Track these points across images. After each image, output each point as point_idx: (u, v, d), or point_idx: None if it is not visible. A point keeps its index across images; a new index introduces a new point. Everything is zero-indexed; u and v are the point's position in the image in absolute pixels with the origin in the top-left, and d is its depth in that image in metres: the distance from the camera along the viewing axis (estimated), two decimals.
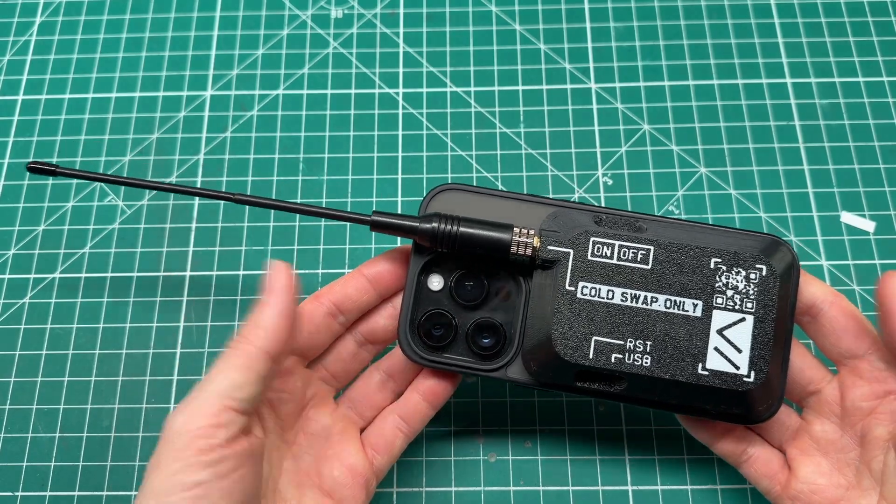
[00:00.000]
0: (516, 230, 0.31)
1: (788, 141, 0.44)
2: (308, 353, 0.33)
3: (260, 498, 0.28)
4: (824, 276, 0.41)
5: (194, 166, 0.44)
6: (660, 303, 0.30)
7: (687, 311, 0.30)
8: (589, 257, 0.31)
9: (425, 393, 0.33)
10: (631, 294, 0.30)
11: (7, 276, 0.42)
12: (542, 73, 0.46)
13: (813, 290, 0.31)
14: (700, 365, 0.30)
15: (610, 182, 0.43)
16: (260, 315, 0.29)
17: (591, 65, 0.46)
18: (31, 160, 0.37)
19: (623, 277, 0.30)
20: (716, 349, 0.30)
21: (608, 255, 0.31)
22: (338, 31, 0.48)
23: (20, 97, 0.47)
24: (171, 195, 0.44)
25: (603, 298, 0.30)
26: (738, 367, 0.30)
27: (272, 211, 0.43)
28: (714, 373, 0.30)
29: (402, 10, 0.48)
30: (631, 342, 0.30)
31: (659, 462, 0.37)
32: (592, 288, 0.30)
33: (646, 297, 0.30)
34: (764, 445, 0.33)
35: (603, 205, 0.43)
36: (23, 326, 0.41)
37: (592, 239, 0.31)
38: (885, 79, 0.45)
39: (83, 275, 0.42)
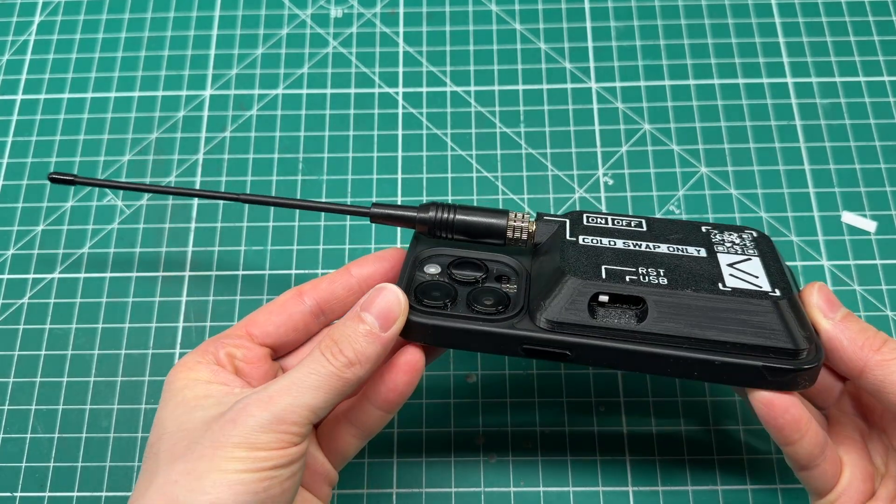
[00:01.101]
0: (512, 215, 0.31)
1: (789, 141, 0.44)
2: (279, 350, 0.31)
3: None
4: (825, 276, 0.41)
5: (193, 166, 0.44)
6: (663, 249, 0.30)
7: (692, 253, 0.30)
8: (585, 223, 0.31)
9: (384, 403, 0.30)
10: (633, 243, 0.30)
11: (6, 277, 0.42)
12: (542, 72, 0.46)
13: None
14: (720, 283, 0.28)
15: (610, 182, 0.43)
16: (368, 346, 0.27)
17: (592, 64, 0.46)
18: (51, 172, 0.37)
19: (621, 234, 0.31)
20: (731, 275, 0.29)
21: (602, 222, 0.32)
22: (337, 30, 0.48)
23: (19, 97, 0.46)
24: (171, 196, 0.43)
25: (605, 244, 0.30)
26: (759, 285, 0.28)
27: (272, 211, 0.43)
28: (736, 290, 0.28)
29: (401, 10, 0.48)
30: (643, 269, 0.28)
31: (659, 463, 0.37)
32: (594, 239, 0.30)
33: (648, 245, 0.30)
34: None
35: (603, 205, 0.42)
36: (22, 327, 0.41)
37: (586, 214, 0.32)
38: (885, 78, 0.45)
39: (82, 275, 0.42)
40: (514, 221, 0.31)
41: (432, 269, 0.31)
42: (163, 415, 0.27)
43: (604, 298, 0.28)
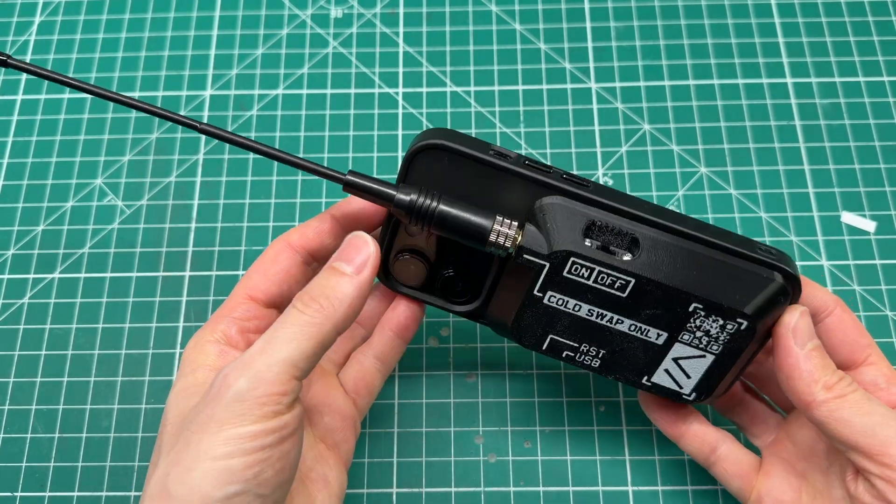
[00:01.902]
0: (499, 219, 0.28)
1: (789, 141, 0.44)
2: (281, 304, 0.31)
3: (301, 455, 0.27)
4: (825, 276, 0.41)
5: (193, 166, 0.44)
6: (625, 325, 0.29)
7: (650, 337, 0.29)
8: (564, 274, 0.28)
9: (397, 328, 0.33)
10: (598, 312, 0.29)
11: (6, 277, 0.42)
12: (542, 72, 0.46)
13: (819, 295, 0.30)
14: (646, 377, 0.31)
15: (610, 182, 0.43)
16: (339, 287, 0.27)
17: (592, 64, 0.46)
18: None
19: (594, 297, 0.29)
20: (666, 370, 0.30)
21: (585, 276, 0.28)
22: (337, 30, 0.48)
23: (19, 97, 0.46)
24: (171, 196, 0.43)
25: (568, 309, 0.29)
26: (681, 388, 0.31)
27: (272, 211, 0.43)
28: (655, 385, 0.31)
29: (401, 10, 0.48)
30: (585, 346, 0.30)
31: (659, 462, 0.37)
32: (561, 299, 0.29)
33: (612, 318, 0.29)
34: (735, 445, 0.33)
35: None
36: (22, 327, 0.41)
37: (572, 259, 0.28)
38: (885, 78, 0.45)
39: (82, 275, 0.42)
40: (501, 227, 0.28)
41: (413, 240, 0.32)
42: (170, 399, 0.27)
43: None
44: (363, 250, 0.28)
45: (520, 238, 0.28)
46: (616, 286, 0.28)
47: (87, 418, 0.39)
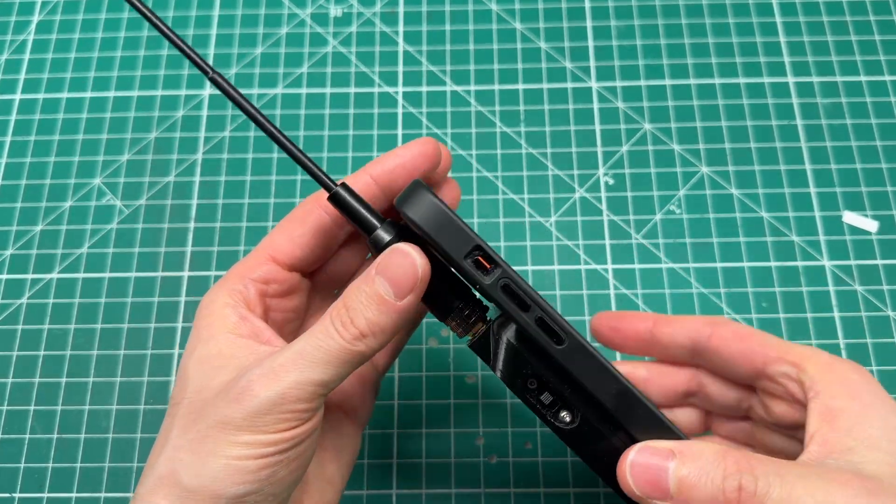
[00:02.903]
0: (457, 311, 0.27)
1: (790, 140, 0.44)
2: (305, 269, 0.29)
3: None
4: (826, 276, 0.41)
5: (193, 166, 0.44)
6: None
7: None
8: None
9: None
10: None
11: (5, 277, 0.42)
12: (542, 71, 0.46)
13: (688, 325, 0.30)
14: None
15: (611, 182, 0.43)
16: (381, 316, 0.24)
17: (592, 64, 0.46)
18: None
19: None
20: None
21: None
22: (337, 29, 0.48)
23: (18, 96, 0.46)
24: (170, 195, 0.43)
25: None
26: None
27: (271, 211, 0.43)
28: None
29: (401, 9, 0.48)
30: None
31: None
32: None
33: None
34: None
35: (604, 204, 0.42)
36: (21, 327, 0.41)
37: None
38: (886, 78, 0.45)
39: (81, 275, 0.42)
40: (457, 320, 0.27)
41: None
42: (188, 365, 0.26)
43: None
44: (411, 273, 0.25)
45: (473, 336, 0.27)
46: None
47: (86, 419, 0.39)
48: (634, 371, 0.32)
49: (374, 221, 0.26)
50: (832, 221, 0.42)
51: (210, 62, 0.47)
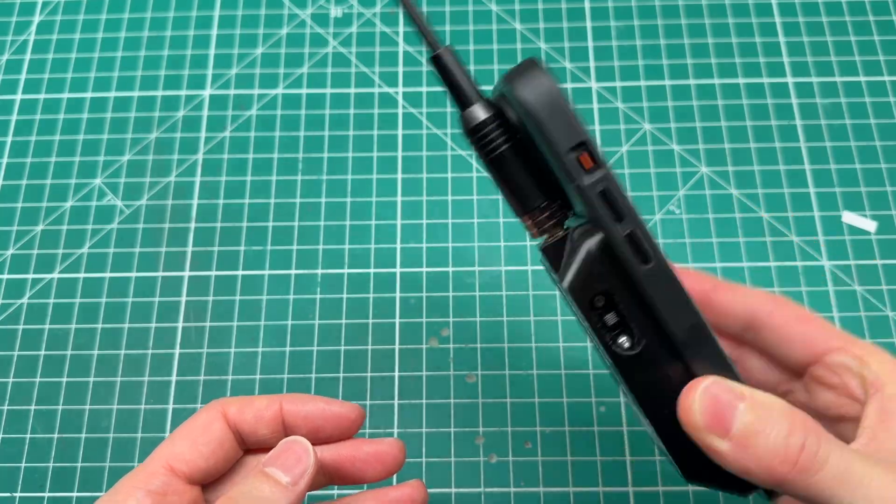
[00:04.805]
0: (540, 209, 0.25)
1: (790, 140, 0.44)
2: (205, 482, 0.28)
3: None
4: (825, 276, 0.41)
5: (193, 166, 0.44)
6: None
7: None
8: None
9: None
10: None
11: (5, 277, 0.42)
12: None
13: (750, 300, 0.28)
14: None
15: None
16: (272, 499, 0.25)
17: (592, 64, 0.46)
18: None
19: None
20: None
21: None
22: (337, 30, 0.48)
23: (18, 96, 0.46)
24: (170, 195, 0.43)
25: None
26: None
27: (271, 211, 0.43)
28: None
29: (401, 9, 0.48)
30: None
31: (660, 463, 0.37)
32: None
33: None
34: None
35: None
36: (21, 327, 0.41)
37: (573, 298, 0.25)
38: (886, 78, 0.45)
39: (82, 275, 0.42)
40: (534, 220, 0.25)
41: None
42: None
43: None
44: (303, 460, 0.25)
45: (548, 240, 0.26)
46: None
47: (87, 419, 0.39)
48: None
49: (475, 94, 0.24)
50: (831, 221, 0.42)
51: (210, 62, 0.47)
